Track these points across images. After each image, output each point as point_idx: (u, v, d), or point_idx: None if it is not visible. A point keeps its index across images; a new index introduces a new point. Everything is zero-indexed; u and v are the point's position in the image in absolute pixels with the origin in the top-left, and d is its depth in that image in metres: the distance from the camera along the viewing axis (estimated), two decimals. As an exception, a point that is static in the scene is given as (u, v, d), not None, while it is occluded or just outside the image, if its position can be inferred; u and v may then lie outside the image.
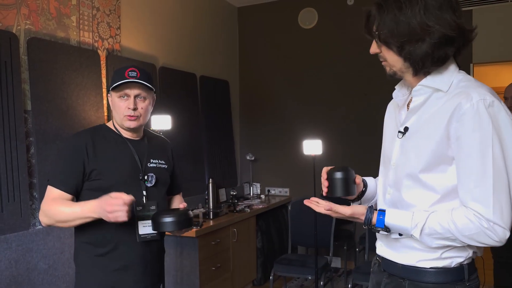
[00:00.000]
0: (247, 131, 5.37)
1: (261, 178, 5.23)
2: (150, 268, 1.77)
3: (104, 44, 3.35)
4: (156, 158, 1.87)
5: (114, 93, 1.74)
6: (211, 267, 3.55)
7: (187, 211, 1.69)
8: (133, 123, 1.75)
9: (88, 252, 1.71)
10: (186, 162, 4.19)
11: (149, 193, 1.78)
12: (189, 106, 4.31)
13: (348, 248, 4.44)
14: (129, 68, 1.73)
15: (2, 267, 2.48)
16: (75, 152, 1.69)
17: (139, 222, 1.72)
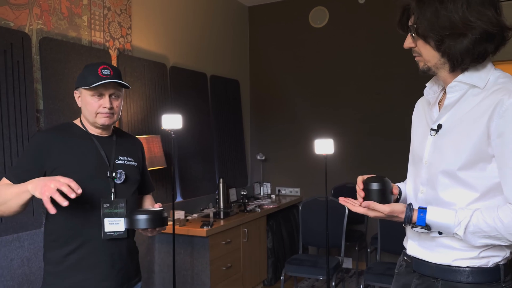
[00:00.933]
0: (257, 131, 5.36)
1: (272, 178, 5.21)
2: (118, 267, 1.74)
3: (115, 43, 3.35)
4: (124, 155, 1.83)
5: (85, 91, 1.70)
6: (221, 267, 3.54)
7: (162, 210, 1.69)
8: (108, 120, 1.72)
9: (55, 250, 1.69)
10: (197, 162, 4.18)
11: (118, 190, 1.75)
12: (199, 105, 4.30)
13: (360, 249, 4.40)
14: (101, 66, 1.69)
15: (14, 265, 2.49)
16: (36, 149, 1.68)
17: (105, 220, 1.69)
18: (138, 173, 1.88)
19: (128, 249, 1.79)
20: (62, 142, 1.70)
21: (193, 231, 3.37)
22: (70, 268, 1.66)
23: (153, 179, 3.56)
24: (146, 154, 3.10)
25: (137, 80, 3.51)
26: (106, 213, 1.69)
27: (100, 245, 1.68)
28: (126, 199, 1.76)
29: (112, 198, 1.72)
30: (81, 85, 1.70)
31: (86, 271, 1.67)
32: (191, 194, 4.08)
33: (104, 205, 1.69)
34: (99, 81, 1.65)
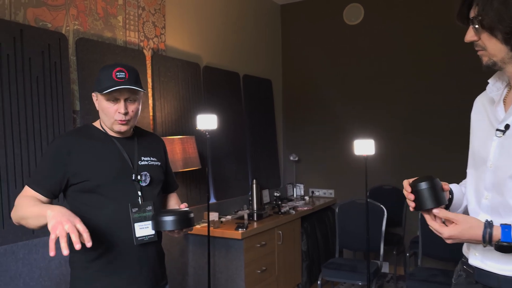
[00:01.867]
0: (290, 131, 5.26)
1: (305, 179, 5.11)
2: (146, 271, 1.69)
3: (149, 43, 3.33)
4: (147, 155, 1.78)
5: (101, 95, 1.65)
6: (256, 270, 3.46)
7: (188, 211, 1.63)
8: (123, 127, 1.68)
9: (82, 255, 1.64)
10: (230, 163, 4.13)
11: (144, 193, 1.70)
12: (232, 105, 4.25)
13: (398, 253, 4.25)
14: (116, 68, 1.63)
15: (52, 266, 2.49)
16: (56, 155, 1.62)
17: (135, 225, 1.64)
18: (162, 173, 1.82)
19: (156, 252, 1.74)
20: (83, 145, 1.66)
21: (228, 233, 3.31)
22: (97, 273, 1.62)
23: (188, 180, 3.53)
24: (181, 155, 3.07)
25: (170, 80, 3.48)
26: (135, 218, 1.64)
27: (128, 249, 1.63)
28: (153, 201, 1.71)
29: (140, 201, 1.67)
30: (97, 89, 1.66)
31: (114, 275, 1.62)
32: (225, 195, 4.03)
33: (132, 209, 1.64)
34: (113, 85, 1.60)
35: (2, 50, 2.33)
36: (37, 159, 2.45)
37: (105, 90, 1.60)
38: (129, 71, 1.65)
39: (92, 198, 1.62)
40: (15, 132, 2.36)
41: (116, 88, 1.59)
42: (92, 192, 1.61)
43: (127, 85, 1.61)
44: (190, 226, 1.63)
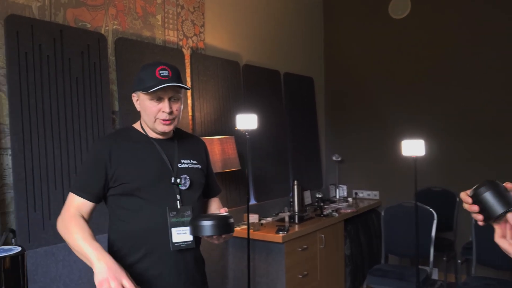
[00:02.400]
0: (333, 130, 5.10)
1: (348, 180, 4.93)
2: (184, 278, 1.61)
3: (188, 42, 3.28)
4: (187, 158, 1.70)
5: (143, 95, 1.58)
6: (297, 274, 3.34)
7: (228, 216, 1.54)
8: (167, 127, 1.61)
9: (119, 261, 1.55)
10: (270, 163, 4.02)
11: (183, 197, 1.62)
12: (273, 104, 4.14)
13: (448, 259, 4.01)
14: (159, 66, 1.57)
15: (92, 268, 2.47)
16: (97, 158, 1.58)
17: (172, 229, 1.56)
18: (203, 176, 1.74)
19: (194, 259, 1.66)
20: (123, 148, 1.60)
21: (268, 237, 3.20)
22: (134, 279, 1.55)
23: (227, 182, 3.46)
24: (220, 155, 2.99)
25: (210, 79, 3.41)
26: (173, 223, 1.56)
27: (166, 255, 1.56)
28: (192, 206, 1.63)
29: (178, 205, 1.59)
30: (139, 88, 1.59)
31: (151, 282, 1.56)
32: (265, 196, 3.93)
33: (170, 214, 1.57)
34: (158, 84, 1.52)
35: (42, 51, 2.33)
36: (76, 160, 2.44)
37: (150, 89, 1.53)
38: (171, 69, 1.59)
39: (130, 201, 1.57)
40: (55, 133, 2.36)
41: (162, 86, 1.52)
42: (131, 195, 1.56)
43: (172, 83, 1.54)
44: (229, 232, 1.54)
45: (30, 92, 2.26)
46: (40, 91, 2.31)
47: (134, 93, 1.65)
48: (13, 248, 1.31)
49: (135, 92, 1.64)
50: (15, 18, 2.23)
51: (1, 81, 2.20)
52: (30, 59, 2.28)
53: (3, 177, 2.20)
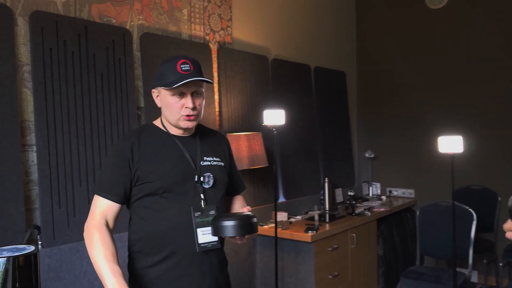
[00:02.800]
0: (366, 126, 4.93)
1: (382, 177, 4.76)
2: (208, 280, 1.54)
3: (215, 36, 3.21)
4: (210, 155, 1.63)
5: (165, 90, 1.51)
6: (327, 275, 3.23)
7: (250, 215, 1.47)
8: (191, 123, 1.55)
9: (138, 261, 1.54)
10: (300, 160, 3.92)
11: (207, 195, 1.56)
12: (302, 99, 4.03)
13: (488, 261, 3.79)
14: (180, 60, 1.50)
15: (116, 266, 2.46)
16: (119, 158, 1.52)
17: (198, 230, 1.50)
18: (226, 174, 1.67)
19: (218, 260, 1.60)
20: (144, 147, 1.54)
21: (297, 236, 3.11)
22: (155, 281, 1.50)
23: (255, 179, 3.38)
24: (247, 152, 2.92)
25: (237, 74, 3.34)
26: (198, 223, 1.50)
27: (189, 256, 1.50)
28: (216, 205, 1.57)
29: (203, 205, 1.53)
30: (160, 84, 1.52)
31: (173, 284, 1.50)
32: (295, 194, 3.83)
33: (195, 213, 1.50)
34: (180, 79, 1.46)
35: (67, 47, 2.32)
36: (101, 156, 2.42)
37: (172, 84, 1.46)
38: (192, 62, 1.52)
39: (153, 200, 1.51)
40: (79, 130, 2.34)
41: (186, 81, 1.46)
42: (154, 195, 1.51)
43: (195, 77, 1.48)
44: (252, 233, 1.46)
45: (54, 88, 2.26)
46: (65, 87, 2.30)
47: (154, 89, 1.59)
48: (26, 247, 1.29)
49: (155, 87, 1.58)
50: (40, 14, 2.22)
51: (26, 77, 2.20)
52: (55, 55, 2.27)
53: (28, 174, 2.20)
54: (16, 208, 2.08)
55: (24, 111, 2.20)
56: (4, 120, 2.07)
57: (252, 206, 3.37)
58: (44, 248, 2.18)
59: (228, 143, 1.79)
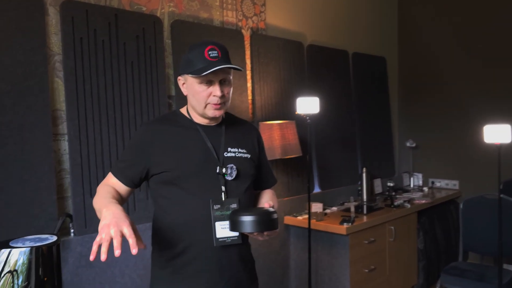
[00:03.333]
0: (407, 114, 4.72)
1: (424, 167, 4.55)
2: (227, 276, 1.48)
3: (248, 23, 3.13)
4: (235, 146, 1.56)
5: (192, 78, 1.45)
6: (363, 268, 3.13)
7: (270, 211, 1.40)
8: (218, 111, 1.48)
9: (159, 253, 1.51)
10: (336, 149, 3.80)
11: (229, 188, 1.49)
12: (339, 87, 3.89)
13: (539, 259, 3.56)
14: (208, 46, 1.43)
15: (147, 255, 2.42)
16: (140, 144, 1.50)
17: (216, 224, 1.44)
18: (252, 167, 1.60)
19: (239, 256, 1.53)
20: (166, 133, 1.50)
21: (331, 228, 3.02)
22: (174, 274, 1.47)
23: (288, 169, 3.31)
24: (279, 141, 2.84)
25: (271, 61, 3.26)
26: (217, 216, 1.44)
27: (208, 251, 1.45)
28: (238, 198, 1.50)
29: (223, 198, 1.47)
30: (187, 71, 1.46)
31: (191, 278, 1.46)
32: (331, 184, 3.73)
33: (214, 206, 1.44)
34: (208, 66, 1.39)
35: (98, 36, 2.32)
36: (132, 146, 2.42)
37: (200, 72, 1.40)
38: (220, 48, 1.46)
39: (171, 191, 1.47)
40: (110, 119, 2.35)
41: (215, 69, 1.39)
42: (172, 185, 1.46)
43: (224, 65, 1.41)
44: (271, 229, 1.39)
45: (85, 77, 2.26)
46: (96, 77, 2.30)
47: (180, 76, 1.54)
48: (49, 237, 1.29)
49: (181, 75, 1.53)
50: (70, 4, 2.22)
51: (57, 67, 2.22)
52: (86, 45, 2.27)
53: (61, 163, 2.23)
54: (48, 197, 2.11)
55: (56, 100, 2.22)
56: (36, 109, 2.09)
57: (286, 196, 3.30)
58: (76, 236, 2.21)
59: (258, 134, 1.72)
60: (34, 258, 1.22)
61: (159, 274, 1.50)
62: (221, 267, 1.48)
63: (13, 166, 2.01)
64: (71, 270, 2.17)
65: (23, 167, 2.04)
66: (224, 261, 1.48)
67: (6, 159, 1.99)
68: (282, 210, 3.27)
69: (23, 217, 2.03)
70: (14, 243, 1.22)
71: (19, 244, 1.21)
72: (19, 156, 2.03)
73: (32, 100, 2.08)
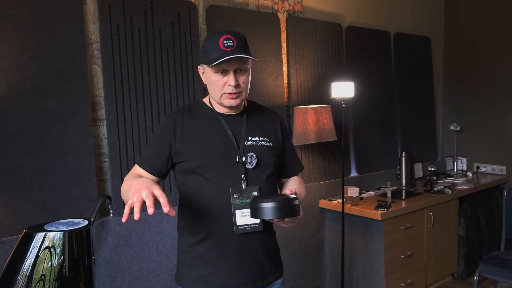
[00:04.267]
0: (452, 96, 4.54)
1: (469, 151, 4.39)
2: (248, 263, 1.51)
3: (284, 5, 3.10)
4: (256, 135, 1.56)
5: (208, 67, 1.46)
6: (399, 254, 3.10)
7: (291, 197, 1.39)
8: (234, 101, 1.48)
9: (184, 238, 1.56)
10: (375, 133, 3.73)
11: (249, 176, 1.50)
12: (379, 69, 3.79)
13: None
14: (223, 36, 1.44)
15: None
16: (163, 133, 1.53)
17: (236, 211, 1.45)
18: (275, 155, 1.60)
19: (261, 243, 1.55)
20: (188, 123, 1.53)
21: (366, 213, 3.00)
22: (197, 259, 1.52)
23: (325, 152, 3.29)
24: (314, 126, 2.83)
25: (307, 44, 3.22)
26: (237, 204, 1.46)
27: (228, 238, 1.48)
28: (259, 186, 1.52)
29: (243, 186, 1.49)
30: (203, 60, 1.48)
31: (213, 264, 1.50)
32: (368, 168, 3.68)
33: (234, 195, 1.47)
34: (222, 55, 1.40)
35: (134, 23, 2.38)
36: (167, 130, 2.49)
37: (213, 61, 1.42)
38: (236, 38, 1.47)
39: (193, 179, 1.51)
40: (146, 105, 2.42)
41: (227, 58, 1.41)
42: (194, 173, 1.50)
43: (236, 54, 1.43)
44: (292, 216, 1.39)
45: (122, 64, 2.34)
46: (132, 63, 2.37)
47: (199, 66, 1.56)
48: (81, 222, 1.37)
49: (200, 64, 1.55)
50: (107, -8, 2.29)
51: (96, 54, 2.30)
52: (122, 32, 2.34)
53: (100, 147, 2.33)
54: (89, 179, 2.23)
55: (95, 87, 2.31)
56: (76, 96, 2.19)
57: (321, 180, 3.29)
58: (115, 217, 2.32)
59: (282, 121, 1.72)
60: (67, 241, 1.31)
61: (185, 259, 1.56)
62: (242, 254, 1.51)
63: (56, 150, 2.13)
64: (111, 249, 2.29)
65: (65, 151, 2.16)
66: (245, 248, 1.51)
67: (50, 144, 2.11)
68: (318, 194, 3.27)
69: (66, 198, 2.16)
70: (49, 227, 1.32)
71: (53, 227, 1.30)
72: (61, 141, 2.14)
73: (72, 87, 2.18)
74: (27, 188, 2.04)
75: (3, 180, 1.98)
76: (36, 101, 2.07)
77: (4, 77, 1.98)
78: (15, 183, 2.01)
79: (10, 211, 2.00)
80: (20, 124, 2.02)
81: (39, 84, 2.08)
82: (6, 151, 1.99)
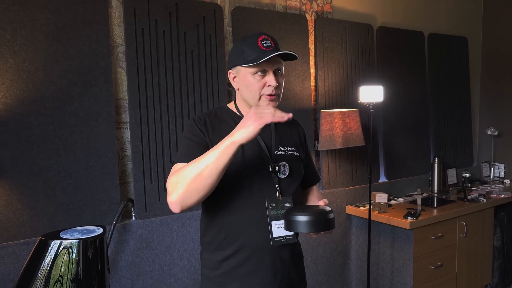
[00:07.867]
0: (489, 100, 4.34)
1: (507, 158, 4.19)
2: (280, 276, 1.44)
3: (312, 6, 3.03)
4: (284, 144, 1.50)
5: (245, 69, 1.39)
6: (429, 265, 2.98)
7: (327, 210, 1.33)
8: (273, 103, 1.42)
9: (210, 254, 1.47)
10: (407, 137, 3.61)
11: (283, 186, 1.44)
12: (412, 71, 3.66)
13: None
14: (261, 36, 1.40)
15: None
16: (194, 131, 1.42)
17: (272, 223, 1.39)
18: (302, 165, 1.55)
19: (291, 255, 1.50)
20: (218, 128, 1.46)
21: (394, 221, 2.89)
22: (226, 275, 1.45)
23: (352, 157, 3.20)
24: (341, 131, 2.76)
25: (336, 46, 3.13)
26: (272, 215, 1.40)
27: (262, 251, 1.42)
28: (292, 196, 1.46)
29: (278, 196, 1.43)
30: (240, 62, 1.42)
31: (244, 279, 1.43)
32: (398, 174, 3.56)
33: (269, 205, 1.40)
34: (263, 54, 1.35)
35: (158, 26, 2.37)
36: (191, 134, 2.47)
37: (256, 60, 1.36)
38: (272, 39, 1.44)
39: (224, 190, 1.40)
40: (170, 108, 2.41)
41: (270, 56, 1.36)
42: (224, 183, 1.38)
43: (280, 51, 1.38)
44: (328, 229, 1.34)
45: (146, 67, 2.33)
46: (156, 66, 2.36)
47: (231, 70, 1.49)
48: (96, 230, 1.36)
49: (232, 68, 1.48)
50: (132, -5, 2.29)
51: (120, 58, 2.30)
52: (147, 35, 2.33)
53: (123, 149, 2.34)
54: (112, 182, 2.23)
55: (119, 90, 2.31)
56: (100, 99, 2.20)
57: (348, 186, 3.21)
58: (137, 220, 2.32)
59: (303, 130, 1.67)
60: (81, 249, 1.31)
61: (211, 275, 1.49)
62: (274, 267, 1.44)
63: (80, 152, 2.14)
64: (133, 251, 2.30)
65: (89, 154, 2.17)
66: (278, 262, 1.45)
67: (74, 146, 2.13)
68: (344, 200, 3.19)
69: (89, 201, 2.17)
70: (64, 234, 1.32)
71: (68, 235, 1.30)
72: (85, 143, 2.16)
73: (97, 90, 2.19)
74: (51, 191, 2.07)
75: (28, 182, 2.00)
76: (60, 104, 2.09)
77: (30, 81, 2.00)
78: (39, 186, 2.04)
79: (34, 213, 2.03)
80: (45, 127, 2.05)
81: (64, 87, 2.10)
82: (31, 154, 2.01)
